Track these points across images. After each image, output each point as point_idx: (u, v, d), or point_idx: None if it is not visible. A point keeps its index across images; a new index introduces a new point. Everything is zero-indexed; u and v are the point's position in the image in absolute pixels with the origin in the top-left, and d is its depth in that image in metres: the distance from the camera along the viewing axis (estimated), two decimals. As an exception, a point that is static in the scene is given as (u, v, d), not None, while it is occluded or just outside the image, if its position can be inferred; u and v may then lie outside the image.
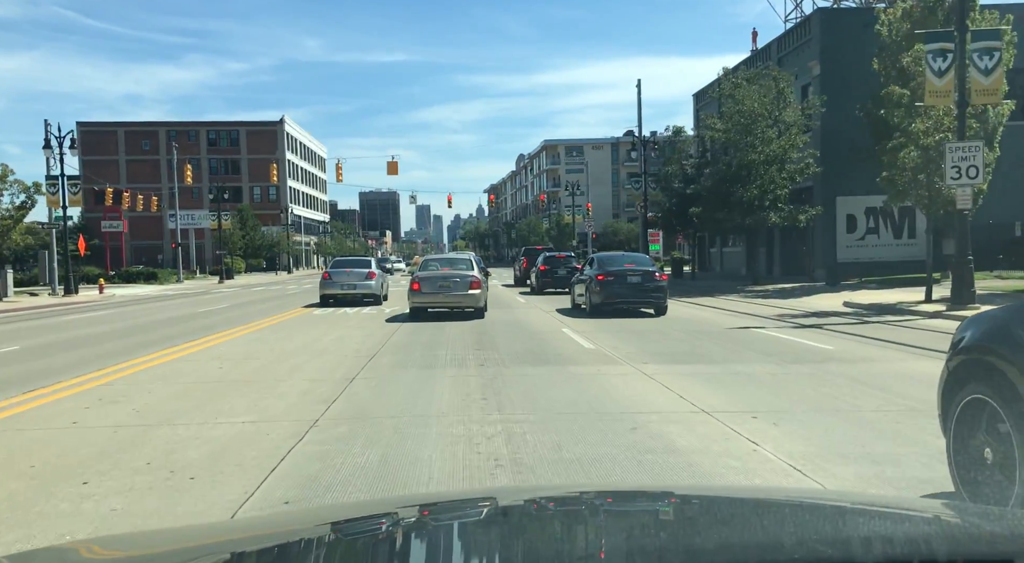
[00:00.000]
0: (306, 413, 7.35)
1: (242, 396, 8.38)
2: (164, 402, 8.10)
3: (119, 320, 20.83)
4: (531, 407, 7.45)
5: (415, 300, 18.67)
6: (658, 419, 6.84)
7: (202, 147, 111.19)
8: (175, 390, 8.83)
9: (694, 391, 8.17)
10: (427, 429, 6.56)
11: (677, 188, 37.18)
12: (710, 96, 30.93)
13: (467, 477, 5.18)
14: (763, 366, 9.90)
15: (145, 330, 17.33)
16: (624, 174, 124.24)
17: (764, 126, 27.55)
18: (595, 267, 20.39)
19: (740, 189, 27.77)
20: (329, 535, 1.69)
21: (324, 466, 5.46)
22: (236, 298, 32.04)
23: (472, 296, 18.52)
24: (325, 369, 10.38)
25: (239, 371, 10.31)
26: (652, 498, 2.12)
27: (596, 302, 19.06)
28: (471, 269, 19.43)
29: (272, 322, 18.60)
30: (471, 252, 25.52)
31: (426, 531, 1.76)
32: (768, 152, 27.21)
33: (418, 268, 20.17)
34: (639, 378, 9.18)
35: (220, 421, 7.07)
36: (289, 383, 9.21)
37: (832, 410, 7.17)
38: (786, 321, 16.77)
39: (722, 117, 28.74)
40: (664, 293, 19.09)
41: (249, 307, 25.25)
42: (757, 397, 7.86)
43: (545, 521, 1.80)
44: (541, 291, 30.85)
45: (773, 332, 14.37)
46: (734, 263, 42.53)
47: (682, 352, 11.57)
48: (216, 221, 65.26)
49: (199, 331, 16.40)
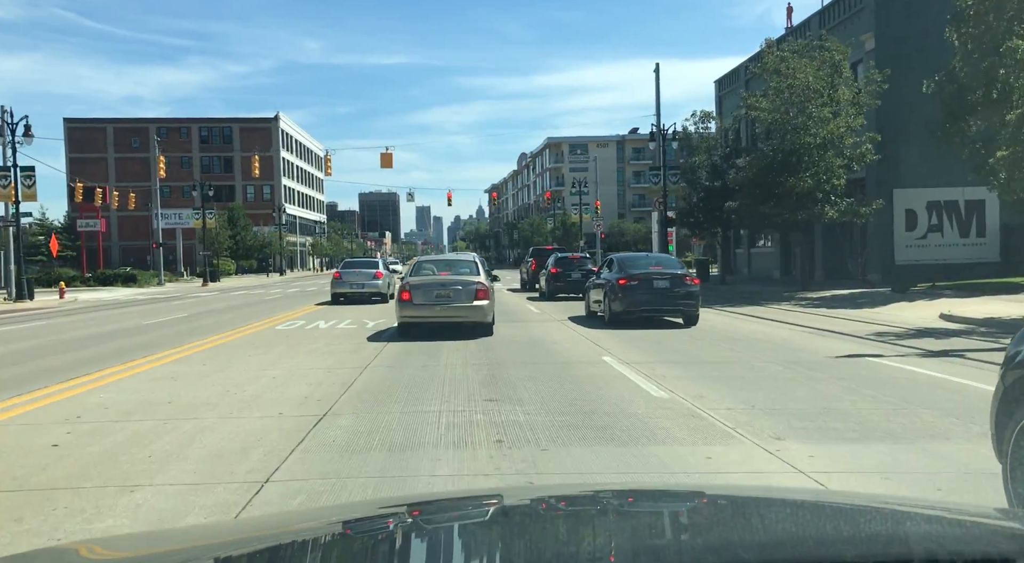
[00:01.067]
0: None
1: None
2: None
3: (38, 336, 16.67)
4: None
5: (405, 314, 14.50)
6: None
7: (194, 144, 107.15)
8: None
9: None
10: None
11: (704, 181, 32.95)
12: (751, 72, 26.70)
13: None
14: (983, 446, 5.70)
15: (44, 353, 13.15)
16: (630, 173, 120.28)
17: (819, 104, 23.32)
18: (616, 270, 17.33)
19: (789, 179, 23.55)
20: (332, 535, 1.68)
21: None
22: (205, 305, 27.90)
23: (478, 309, 14.37)
24: (218, 458, 5.74)
25: (50, 474, 5.37)
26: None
27: (616, 310, 16.39)
28: (476, 273, 15.27)
29: (220, 341, 14.43)
30: (474, 253, 19.80)
31: (432, 530, 1.73)
32: (825, 134, 22.98)
33: (409, 272, 15.93)
34: (794, 479, 5.00)
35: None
36: (114, 510, 4.58)
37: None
38: (897, 344, 12.57)
39: (768, 95, 24.48)
40: (697, 300, 16.52)
41: (209, 318, 21.09)
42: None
43: (553, 521, 1.78)
44: (552, 297, 26.77)
45: (906, 365, 10.15)
46: (765, 265, 38.31)
47: (817, 409, 7.25)
48: (200, 220, 61.12)
49: (112, 357, 12.22)
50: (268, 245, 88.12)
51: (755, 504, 1.86)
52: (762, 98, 24.68)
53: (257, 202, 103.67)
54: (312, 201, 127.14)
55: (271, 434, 6.46)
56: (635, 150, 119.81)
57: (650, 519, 1.76)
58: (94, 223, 59.90)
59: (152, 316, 22.53)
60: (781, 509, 1.76)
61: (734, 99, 41.01)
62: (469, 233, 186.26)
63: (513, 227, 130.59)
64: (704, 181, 32.73)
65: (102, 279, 55.62)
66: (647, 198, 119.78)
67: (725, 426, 6.52)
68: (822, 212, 23.66)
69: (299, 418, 7.10)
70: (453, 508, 1.95)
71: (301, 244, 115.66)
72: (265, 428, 6.70)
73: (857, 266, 30.96)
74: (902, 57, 25.82)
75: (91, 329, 18.23)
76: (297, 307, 24.73)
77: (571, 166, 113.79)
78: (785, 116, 23.85)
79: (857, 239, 31.31)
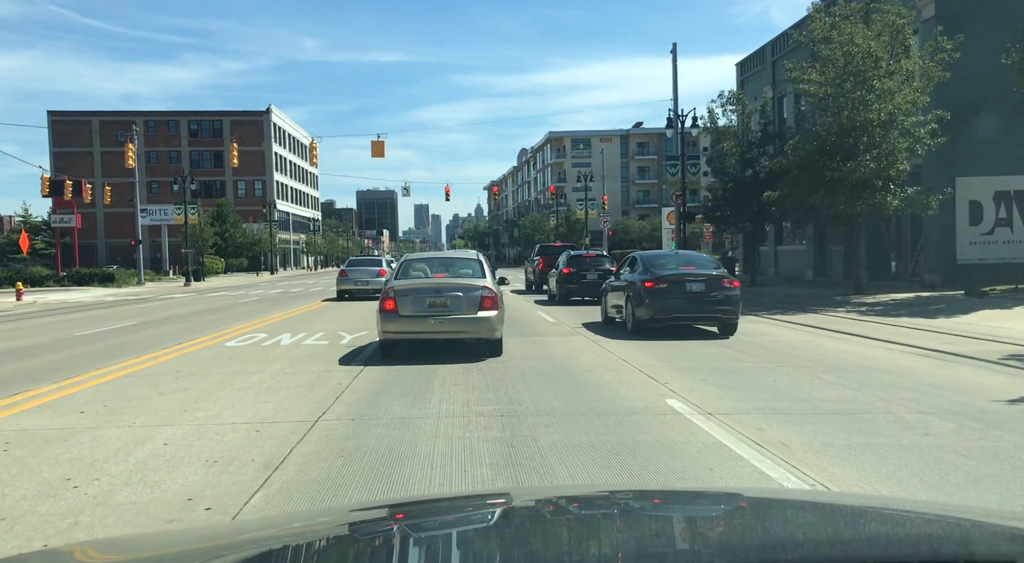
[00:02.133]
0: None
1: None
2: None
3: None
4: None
5: (388, 329, 10.97)
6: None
7: (183, 138, 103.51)
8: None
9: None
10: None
11: (732, 170, 29.37)
12: (796, 40, 23.06)
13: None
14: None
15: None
16: (634, 169, 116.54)
17: (882, 74, 19.75)
18: (640, 270, 14.95)
19: (848, 163, 20.01)
20: (335, 536, 1.66)
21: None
22: (168, 310, 24.36)
23: (484, 323, 10.87)
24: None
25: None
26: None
27: (642, 317, 14.12)
28: (480, 275, 11.73)
29: (140, 365, 10.86)
30: (476, 251, 17.82)
31: (440, 530, 1.71)
32: (891, 109, 19.43)
33: (395, 273, 12.30)
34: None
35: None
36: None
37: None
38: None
39: (818, 66, 20.88)
40: (737, 307, 14.19)
41: (158, 327, 17.54)
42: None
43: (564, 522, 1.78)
44: (565, 300, 23.31)
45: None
46: (796, 265, 34.78)
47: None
48: (182, 216, 57.47)
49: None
50: (258, 242, 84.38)
51: (781, 506, 1.87)
52: (811, 70, 21.08)
53: (249, 198, 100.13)
54: (306, 197, 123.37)
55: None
56: (639, 144, 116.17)
57: (658, 524, 1.74)
58: (69, 219, 56.13)
59: (99, 324, 19.02)
60: (783, 511, 1.78)
61: (759, 82, 37.46)
62: (468, 231, 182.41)
63: (514, 224, 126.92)
64: (732, 170, 29.13)
65: (77, 278, 51.98)
66: (651, 194, 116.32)
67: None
68: (883, 202, 20.10)
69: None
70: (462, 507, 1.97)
71: (295, 242, 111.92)
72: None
73: (908, 266, 27.46)
74: (970, 26, 22.32)
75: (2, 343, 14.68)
76: (270, 313, 21.22)
77: (573, 161, 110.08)
78: (839, 89, 20.27)
79: (906, 235, 27.80)
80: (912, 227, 27.23)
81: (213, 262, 76.65)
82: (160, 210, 76.64)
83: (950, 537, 1.47)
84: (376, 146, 36.24)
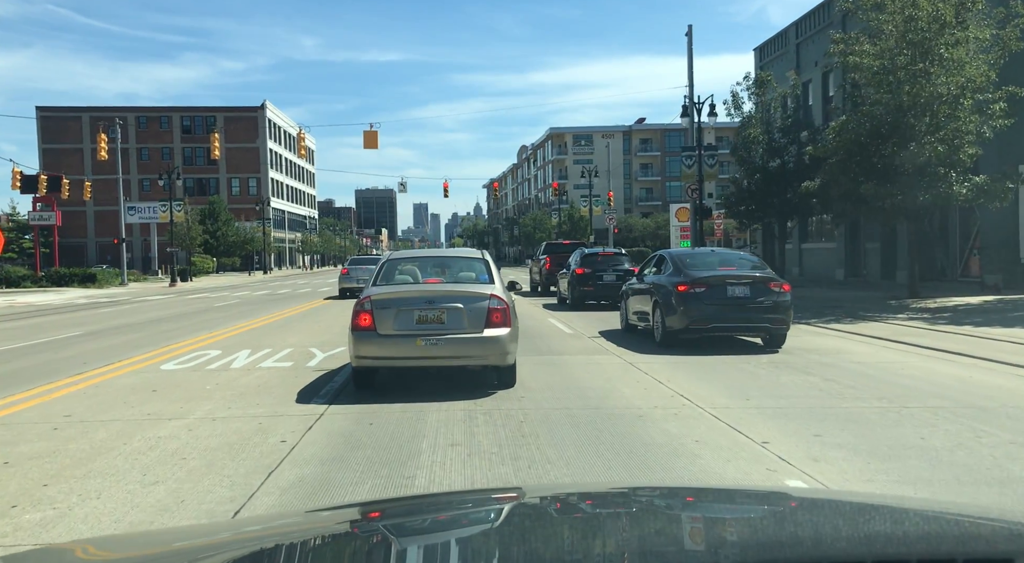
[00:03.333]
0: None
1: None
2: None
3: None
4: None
5: (363, 353, 8.09)
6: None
7: (175, 135, 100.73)
8: None
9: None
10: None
11: (760, 160, 26.57)
12: (842, 6, 20.04)
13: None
14: None
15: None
16: (637, 166, 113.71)
17: (950, 42, 16.95)
18: (670, 271, 12.73)
19: (910, 146, 17.24)
20: (339, 532, 1.64)
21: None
22: (135, 315, 21.60)
23: (492, 344, 8.07)
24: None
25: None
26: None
27: (675, 327, 11.96)
28: (486, 280, 8.88)
29: (28, 403, 8.05)
30: (480, 250, 11.14)
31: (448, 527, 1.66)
32: (963, 82, 16.64)
33: (374, 277, 9.30)
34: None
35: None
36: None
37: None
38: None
39: (872, 37, 18.03)
40: (788, 315, 12.00)
41: (106, 338, 14.75)
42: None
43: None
44: (579, 304, 20.59)
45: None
46: (824, 264, 31.98)
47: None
48: (168, 213, 54.67)
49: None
50: (251, 241, 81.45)
51: (781, 503, 1.90)
52: (862, 40, 18.26)
53: (243, 196, 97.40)
54: (303, 195, 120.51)
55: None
56: (642, 141, 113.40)
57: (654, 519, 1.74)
58: (49, 216, 53.32)
59: (40, 333, 16.28)
60: (784, 509, 1.77)
61: (781, 67, 34.60)
62: (467, 229, 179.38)
63: (514, 223, 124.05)
64: (760, 160, 26.33)
65: (56, 279, 49.20)
66: (655, 191, 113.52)
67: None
68: (948, 192, 17.29)
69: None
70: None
71: (290, 241, 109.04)
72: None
73: (958, 265, 24.68)
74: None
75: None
76: (243, 320, 18.46)
77: (575, 158, 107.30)
78: (894, 64, 17.43)
79: (953, 231, 25.02)
80: (961, 222, 24.47)
81: (204, 261, 73.87)
82: (149, 207, 73.87)
83: (949, 535, 1.46)
84: (368, 136, 33.45)
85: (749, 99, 26.19)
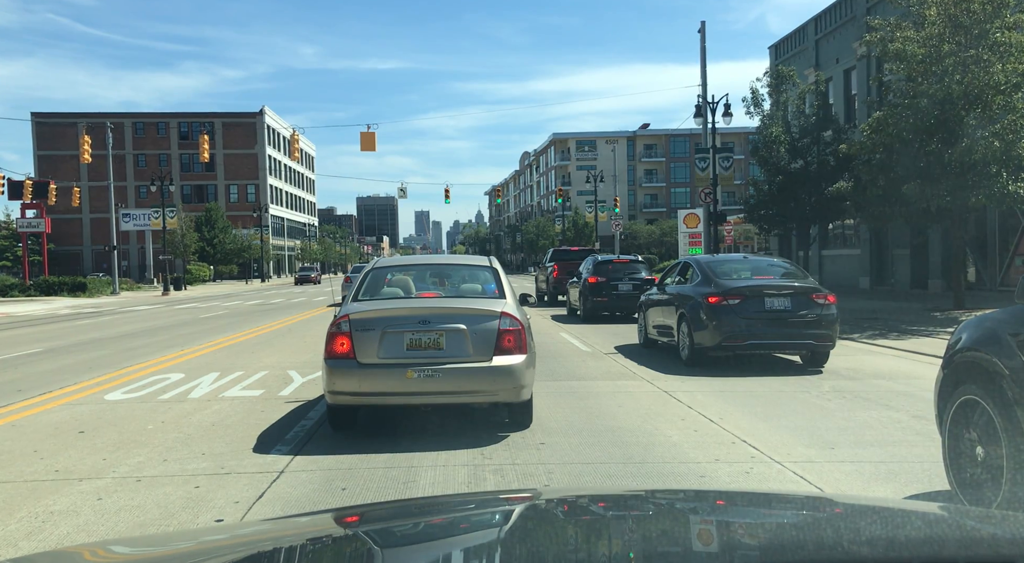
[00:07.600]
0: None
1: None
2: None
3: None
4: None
5: (340, 387, 6.32)
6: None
7: (172, 141, 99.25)
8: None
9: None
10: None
11: (782, 161, 24.90)
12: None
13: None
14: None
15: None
16: (641, 172, 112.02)
17: (1008, 25, 15.29)
18: (698, 281, 11.34)
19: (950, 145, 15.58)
20: (349, 533, 1.62)
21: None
22: (107, 328, 19.93)
23: (504, 376, 6.33)
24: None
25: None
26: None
27: (705, 344, 10.60)
28: (495, 293, 7.12)
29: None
30: (487, 257, 8.93)
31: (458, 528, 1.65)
32: (1022, 70, 14.97)
33: (356, 289, 7.40)
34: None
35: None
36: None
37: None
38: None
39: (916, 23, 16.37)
40: (834, 330, 10.67)
41: (54, 359, 13.06)
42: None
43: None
44: (592, 316, 18.91)
45: None
46: (847, 271, 30.25)
47: None
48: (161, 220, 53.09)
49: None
50: (248, 249, 79.80)
51: (781, 505, 1.91)
52: (905, 26, 16.60)
53: (241, 203, 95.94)
54: (303, 203, 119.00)
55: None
56: (646, 147, 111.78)
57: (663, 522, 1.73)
58: (38, 223, 51.74)
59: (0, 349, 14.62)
60: (784, 512, 1.77)
61: (799, 65, 32.91)
62: (469, 237, 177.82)
63: (516, 230, 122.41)
64: (782, 161, 24.65)
65: (45, 288, 47.54)
66: (659, 198, 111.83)
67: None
68: (1004, 192, 15.60)
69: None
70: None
71: (289, 248, 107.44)
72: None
73: (998, 273, 22.97)
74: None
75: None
76: (223, 334, 16.79)
77: (578, 164, 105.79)
78: (940, 49, 15.76)
79: (992, 237, 23.31)
80: (1001, 227, 22.77)
81: (200, 269, 72.34)
82: (143, 214, 72.32)
83: (951, 538, 1.45)
84: (366, 138, 31.82)
85: (769, 96, 24.52)
